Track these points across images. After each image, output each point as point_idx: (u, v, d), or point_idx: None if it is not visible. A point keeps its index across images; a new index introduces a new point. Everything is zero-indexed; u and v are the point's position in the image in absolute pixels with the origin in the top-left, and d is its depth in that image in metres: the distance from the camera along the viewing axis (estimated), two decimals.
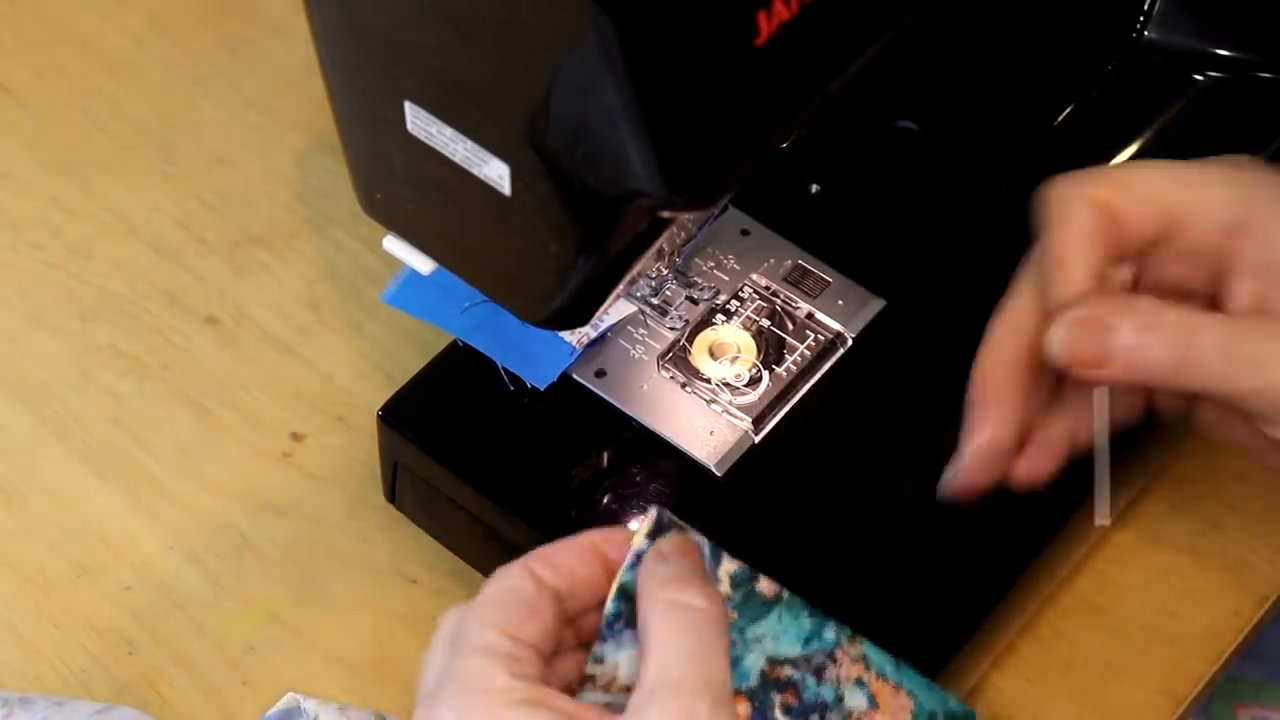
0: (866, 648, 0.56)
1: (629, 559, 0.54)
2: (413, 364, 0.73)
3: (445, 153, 0.56)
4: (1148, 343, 0.55)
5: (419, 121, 0.56)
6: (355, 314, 0.81)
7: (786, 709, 0.55)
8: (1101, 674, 0.70)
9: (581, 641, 0.55)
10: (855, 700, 0.55)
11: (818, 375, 0.70)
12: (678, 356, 0.71)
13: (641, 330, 0.71)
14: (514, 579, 0.54)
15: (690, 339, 0.71)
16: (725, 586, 0.55)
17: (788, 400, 0.70)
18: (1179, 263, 0.59)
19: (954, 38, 0.77)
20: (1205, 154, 0.76)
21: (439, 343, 0.72)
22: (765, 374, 0.70)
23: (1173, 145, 0.76)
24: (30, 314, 0.82)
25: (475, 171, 0.56)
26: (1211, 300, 0.59)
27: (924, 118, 0.77)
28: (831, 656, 0.56)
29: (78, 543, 0.75)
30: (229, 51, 0.91)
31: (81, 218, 0.85)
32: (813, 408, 0.70)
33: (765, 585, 0.56)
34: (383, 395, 0.71)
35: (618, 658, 0.53)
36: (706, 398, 0.70)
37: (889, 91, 0.78)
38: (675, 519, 0.55)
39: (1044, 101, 0.77)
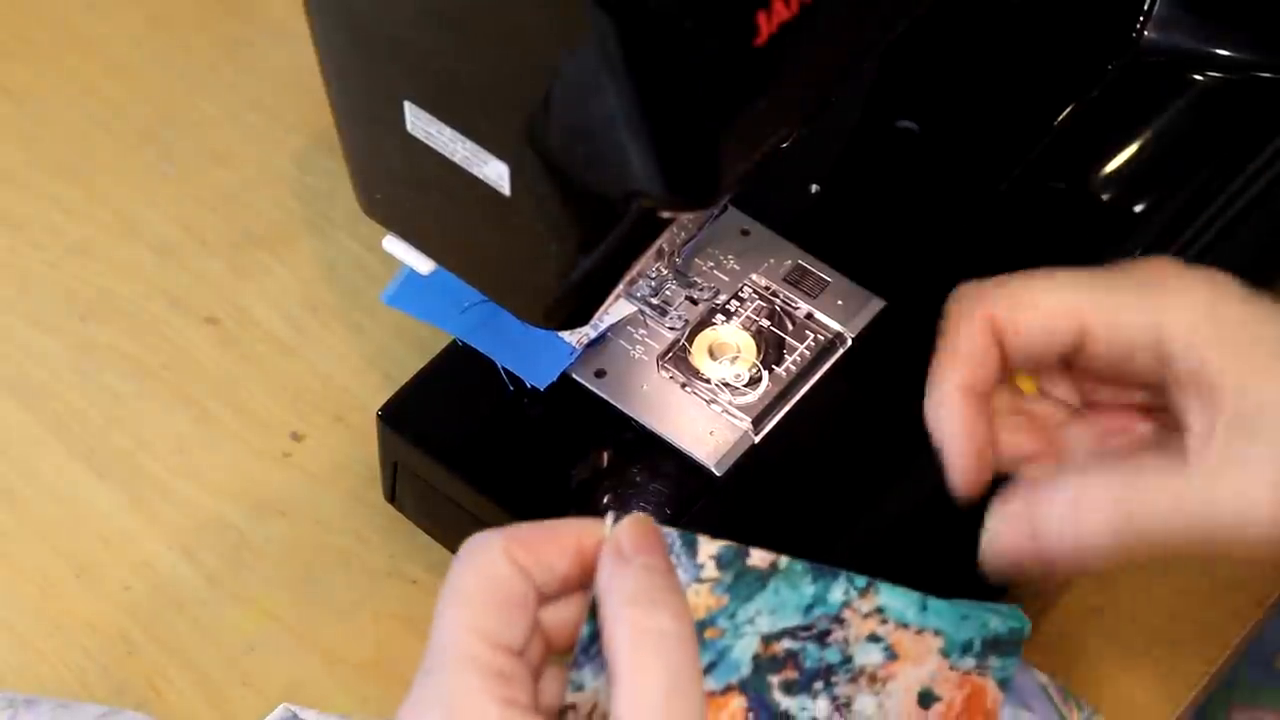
0: (885, 596, 0.54)
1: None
2: (412, 364, 0.73)
3: (445, 153, 0.56)
4: (1084, 528, 0.52)
5: (419, 122, 0.56)
6: (355, 314, 0.81)
7: (787, 687, 0.53)
8: (1101, 675, 0.70)
9: (552, 648, 0.52)
10: (868, 657, 0.54)
11: (818, 375, 0.70)
12: (677, 357, 0.71)
13: (641, 330, 0.71)
14: (497, 568, 0.50)
15: (690, 339, 0.71)
16: (711, 570, 0.52)
17: (788, 400, 0.70)
18: (1116, 378, 0.56)
19: (954, 38, 0.77)
20: (1205, 154, 0.76)
21: (439, 343, 0.72)
22: (765, 374, 0.70)
23: (1173, 145, 0.77)
24: (30, 314, 0.82)
25: (475, 171, 0.56)
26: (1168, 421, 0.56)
27: (924, 118, 0.77)
28: (838, 619, 0.53)
29: (78, 543, 0.75)
30: (229, 52, 0.91)
31: (81, 218, 0.85)
32: (813, 408, 0.70)
33: (758, 558, 0.53)
34: (382, 395, 0.71)
35: (598, 684, 0.51)
36: (706, 398, 0.70)
37: (889, 91, 0.78)
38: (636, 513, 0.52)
39: (1044, 101, 0.77)
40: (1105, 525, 0.52)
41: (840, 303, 0.72)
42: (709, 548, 0.52)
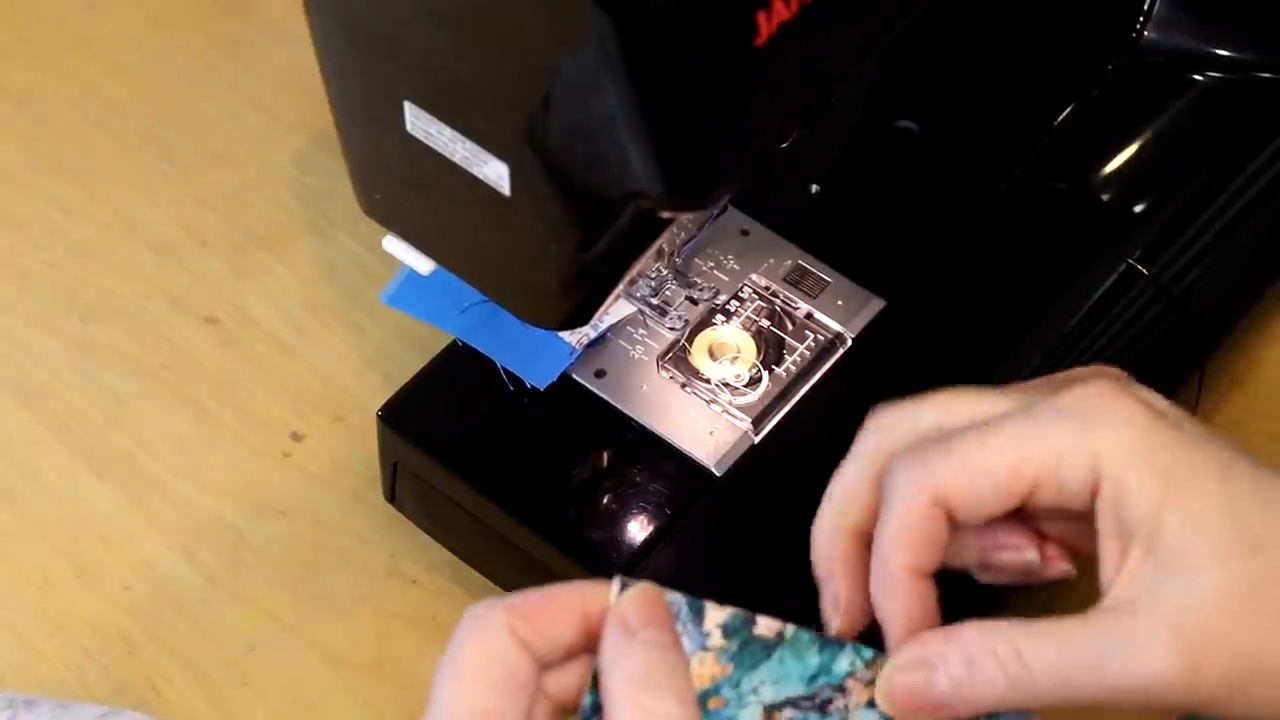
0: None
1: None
2: (412, 364, 0.73)
3: (445, 153, 0.56)
4: (975, 674, 0.50)
5: (418, 122, 0.56)
6: (355, 314, 0.81)
7: None
8: None
9: (558, 711, 0.51)
10: None
11: (817, 375, 0.70)
12: (677, 357, 0.71)
13: (641, 330, 0.71)
14: (498, 643, 0.49)
15: (690, 339, 0.71)
16: (717, 639, 0.51)
17: (787, 400, 0.70)
18: (1051, 515, 0.54)
19: (954, 38, 0.77)
20: (1205, 154, 0.76)
21: (439, 343, 0.72)
22: (765, 374, 0.70)
23: (1173, 145, 0.77)
24: (30, 314, 0.82)
25: (475, 171, 0.56)
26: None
27: (924, 118, 0.77)
28: (840, 688, 0.52)
29: (78, 543, 0.75)
30: (228, 52, 0.91)
31: (81, 218, 0.85)
32: (812, 408, 0.70)
33: (764, 627, 0.52)
34: (382, 395, 0.71)
35: None
36: (706, 398, 0.70)
37: (889, 91, 0.78)
38: (643, 584, 0.51)
39: (1044, 101, 0.77)
40: (997, 688, 0.51)
41: (840, 303, 0.72)
42: (716, 615, 0.52)
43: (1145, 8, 0.77)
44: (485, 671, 0.49)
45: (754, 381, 0.70)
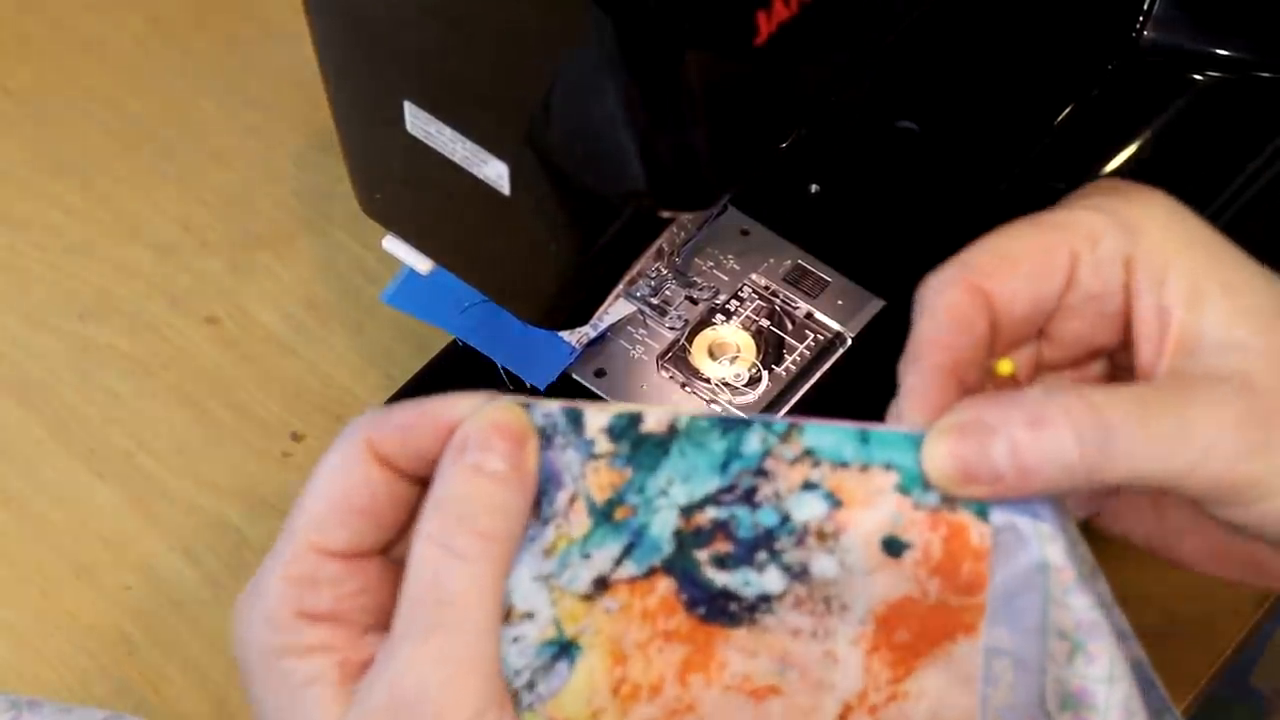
0: (813, 437, 0.46)
1: None
2: (412, 364, 0.73)
3: (445, 153, 0.56)
4: (1045, 438, 0.44)
5: (418, 121, 0.56)
6: (354, 314, 0.81)
7: (720, 561, 0.45)
8: None
9: None
10: (807, 510, 0.45)
11: (817, 375, 0.71)
12: (677, 356, 0.71)
13: (641, 330, 0.71)
14: (359, 473, 0.46)
15: (690, 339, 0.71)
16: (604, 444, 0.45)
17: (787, 400, 0.70)
18: (1081, 316, 0.50)
19: (954, 38, 0.77)
20: (1205, 154, 0.76)
21: (439, 343, 0.72)
22: (765, 374, 0.70)
23: (1173, 145, 0.76)
24: (30, 314, 0.82)
25: (475, 171, 0.56)
26: (1120, 357, 0.51)
27: (924, 118, 0.77)
28: (760, 472, 0.46)
29: (78, 543, 0.75)
30: (229, 51, 0.91)
31: (81, 218, 0.85)
32: (812, 408, 0.70)
33: (653, 422, 0.45)
34: (382, 395, 0.71)
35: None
36: (706, 397, 0.70)
37: (889, 91, 0.78)
38: (502, 401, 0.46)
39: (1044, 101, 0.77)
40: (1065, 458, 0.44)
41: (840, 303, 0.72)
42: (597, 419, 0.45)
43: (1145, 8, 0.77)
44: (342, 496, 0.46)
45: (754, 381, 0.70)
